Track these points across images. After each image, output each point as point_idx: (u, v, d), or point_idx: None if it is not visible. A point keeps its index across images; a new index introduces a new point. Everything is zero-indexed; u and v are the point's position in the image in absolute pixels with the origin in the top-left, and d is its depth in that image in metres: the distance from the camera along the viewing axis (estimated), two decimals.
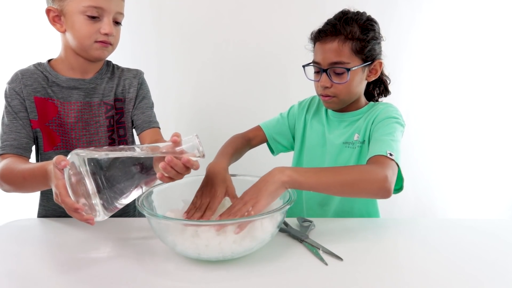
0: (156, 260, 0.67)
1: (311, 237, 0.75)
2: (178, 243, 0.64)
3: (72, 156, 0.58)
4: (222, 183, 0.79)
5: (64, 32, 0.87)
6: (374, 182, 0.74)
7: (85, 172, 0.57)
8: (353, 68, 0.88)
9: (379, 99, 1.06)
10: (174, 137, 0.64)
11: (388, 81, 1.03)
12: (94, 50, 0.87)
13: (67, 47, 0.90)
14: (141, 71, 1.03)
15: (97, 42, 0.86)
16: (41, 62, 0.93)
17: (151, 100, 1.02)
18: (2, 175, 0.80)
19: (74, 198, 0.58)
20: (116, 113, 0.97)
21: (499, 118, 1.69)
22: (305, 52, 0.97)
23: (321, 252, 0.69)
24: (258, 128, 1.11)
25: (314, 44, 0.94)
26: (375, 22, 0.92)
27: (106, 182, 0.59)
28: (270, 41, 1.57)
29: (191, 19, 1.56)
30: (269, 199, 0.69)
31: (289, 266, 0.65)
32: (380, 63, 0.93)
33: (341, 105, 0.96)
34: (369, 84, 0.99)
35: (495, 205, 1.76)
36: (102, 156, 0.59)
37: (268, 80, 1.61)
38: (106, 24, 0.85)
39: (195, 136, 0.64)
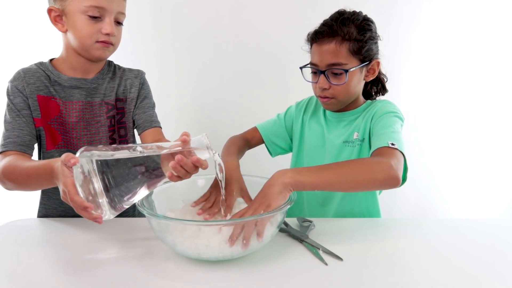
0: (156, 260, 0.67)
1: (311, 237, 0.75)
2: (178, 243, 0.64)
3: (80, 154, 0.58)
4: (237, 182, 0.80)
5: (65, 32, 0.87)
6: (379, 172, 0.73)
7: (93, 170, 0.57)
8: (351, 69, 0.88)
9: (377, 98, 1.06)
10: (184, 136, 0.64)
11: (386, 79, 1.03)
12: (95, 50, 0.87)
13: (69, 47, 0.90)
14: (143, 71, 1.03)
15: (99, 42, 0.86)
16: (43, 62, 0.93)
17: (152, 100, 1.03)
18: (5, 173, 0.79)
19: (83, 196, 0.58)
20: (117, 113, 0.97)
21: (499, 118, 1.69)
22: (305, 52, 0.97)
23: (321, 252, 0.69)
24: (254, 130, 1.11)
25: (311, 45, 0.94)
26: (372, 21, 0.92)
27: (114, 181, 0.59)
28: (270, 41, 1.57)
29: (191, 19, 1.56)
30: (278, 201, 0.68)
31: (289, 266, 0.65)
32: (378, 63, 0.93)
33: (339, 106, 0.96)
34: (366, 83, 0.99)
35: (495, 205, 1.76)
36: (110, 155, 0.59)
37: (268, 80, 1.61)
38: (107, 24, 0.84)
39: (204, 135, 0.65)
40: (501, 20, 1.60)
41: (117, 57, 0.99)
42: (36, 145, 0.92)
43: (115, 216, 0.62)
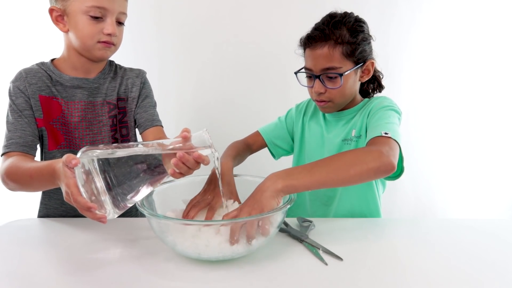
0: (156, 260, 0.67)
1: (311, 237, 0.75)
2: (178, 243, 0.64)
3: (81, 154, 0.58)
4: (227, 185, 0.80)
5: (67, 32, 0.87)
6: (370, 161, 0.71)
7: (95, 170, 0.57)
8: (346, 73, 0.87)
9: (374, 95, 1.06)
10: (184, 132, 0.64)
11: (382, 76, 1.03)
12: (97, 50, 0.87)
13: (70, 47, 0.90)
14: (144, 71, 1.03)
15: (100, 42, 0.86)
16: (44, 62, 0.93)
17: (153, 99, 1.03)
18: (8, 173, 0.79)
19: (86, 197, 0.58)
20: (118, 113, 0.98)
21: (499, 118, 1.69)
22: (301, 54, 0.97)
23: (321, 252, 0.69)
24: (256, 134, 1.11)
25: (304, 49, 0.94)
26: (364, 22, 0.91)
27: (116, 180, 0.59)
28: (270, 41, 1.57)
29: (191, 19, 1.56)
30: (271, 205, 0.66)
31: (289, 266, 0.65)
32: (372, 63, 0.93)
33: (336, 109, 0.97)
34: (363, 82, 0.99)
35: (495, 205, 1.76)
36: (112, 154, 0.59)
37: (268, 80, 1.61)
38: (109, 25, 0.84)
39: (205, 131, 0.64)
40: (501, 20, 1.60)
41: (118, 57, 0.99)
42: (38, 146, 0.92)
43: (117, 216, 0.62)
